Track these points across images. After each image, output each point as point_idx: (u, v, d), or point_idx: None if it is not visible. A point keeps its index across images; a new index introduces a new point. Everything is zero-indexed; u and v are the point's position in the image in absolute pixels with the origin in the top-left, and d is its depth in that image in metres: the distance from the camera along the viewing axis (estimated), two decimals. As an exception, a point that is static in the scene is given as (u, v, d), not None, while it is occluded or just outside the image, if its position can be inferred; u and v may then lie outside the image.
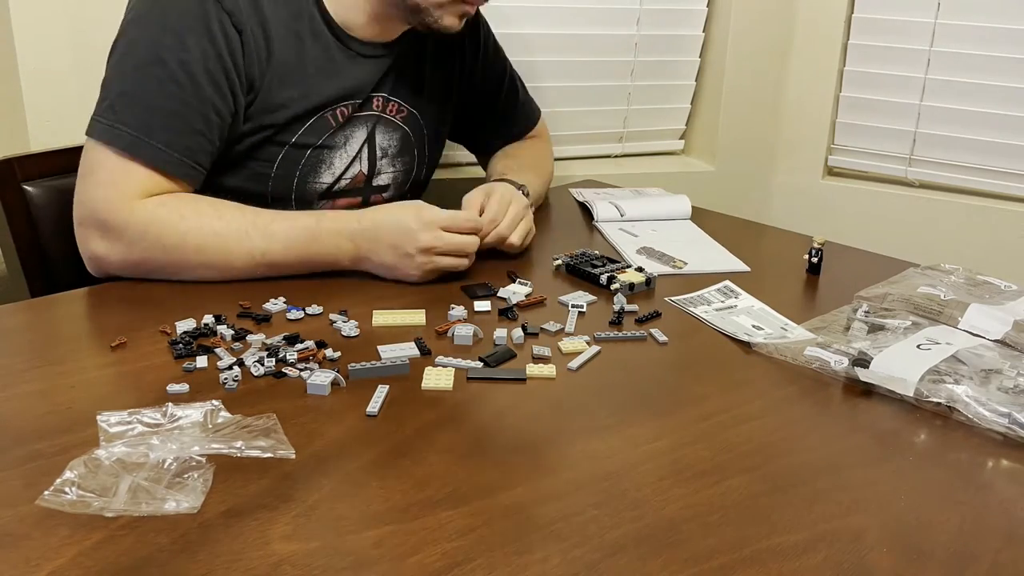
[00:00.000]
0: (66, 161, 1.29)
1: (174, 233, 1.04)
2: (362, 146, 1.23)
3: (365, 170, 1.25)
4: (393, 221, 1.08)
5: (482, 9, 1.33)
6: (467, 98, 1.39)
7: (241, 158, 1.14)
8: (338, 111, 1.18)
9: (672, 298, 1.05)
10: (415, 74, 1.27)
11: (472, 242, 1.10)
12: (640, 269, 1.13)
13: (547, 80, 1.86)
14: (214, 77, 1.06)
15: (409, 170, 1.32)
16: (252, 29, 1.08)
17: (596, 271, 1.11)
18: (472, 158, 1.56)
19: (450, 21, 1.15)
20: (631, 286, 1.08)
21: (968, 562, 0.64)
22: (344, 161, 1.22)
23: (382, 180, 1.28)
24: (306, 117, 1.15)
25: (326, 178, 1.21)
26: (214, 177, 1.12)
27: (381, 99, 1.23)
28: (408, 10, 1.14)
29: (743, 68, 1.93)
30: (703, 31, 1.96)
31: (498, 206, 1.15)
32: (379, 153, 1.26)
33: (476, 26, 1.36)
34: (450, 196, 1.21)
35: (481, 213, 1.14)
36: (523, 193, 1.23)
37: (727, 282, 1.11)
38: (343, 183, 1.23)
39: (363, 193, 1.26)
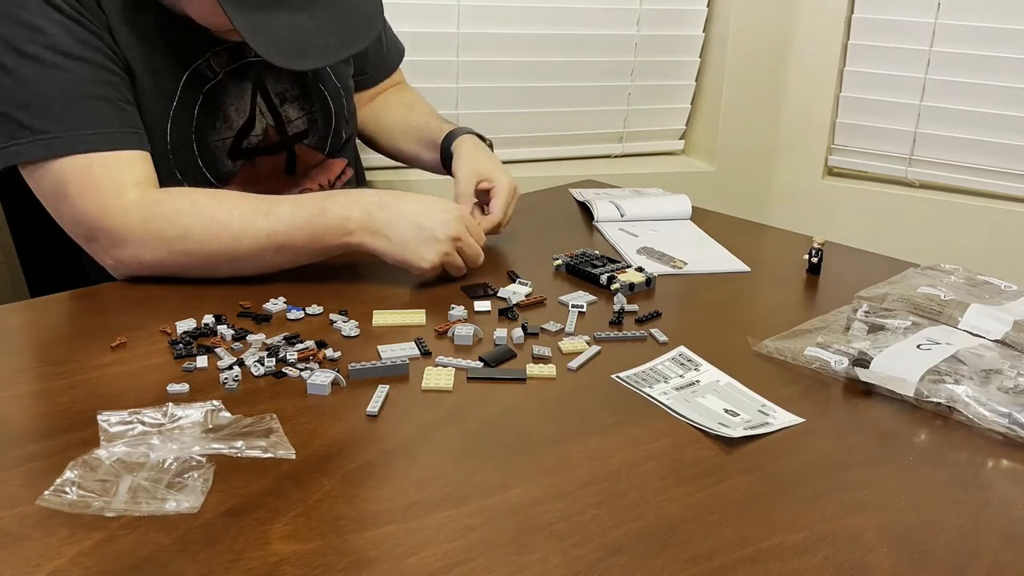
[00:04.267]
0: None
1: (174, 227, 1.01)
2: (254, 97, 1.18)
3: (271, 121, 1.20)
4: (424, 204, 1.06)
5: (482, 7, 1.32)
6: None
7: None
8: (208, 64, 1.12)
9: (620, 375, 0.88)
10: None
11: (481, 258, 1.10)
12: (640, 269, 1.13)
13: (547, 80, 1.86)
14: (88, 43, 1.01)
15: (325, 108, 1.27)
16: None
17: (596, 271, 1.11)
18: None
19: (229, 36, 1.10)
20: (631, 286, 1.08)
21: (968, 562, 0.64)
22: (241, 116, 1.17)
23: (298, 126, 1.23)
24: (172, 75, 1.10)
25: (225, 133, 1.15)
26: None
27: None
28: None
29: (743, 68, 1.94)
30: (703, 31, 1.96)
31: (508, 200, 1.20)
32: (276, 100, 1.20)
33: None
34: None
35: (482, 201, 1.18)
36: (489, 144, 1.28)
37: (682, 348, 0.94)
38: (253, 139, 1.18)
39: (285, 146, 1.22)
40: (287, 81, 1.22)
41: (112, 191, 1.01)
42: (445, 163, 1.31)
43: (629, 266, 1.14)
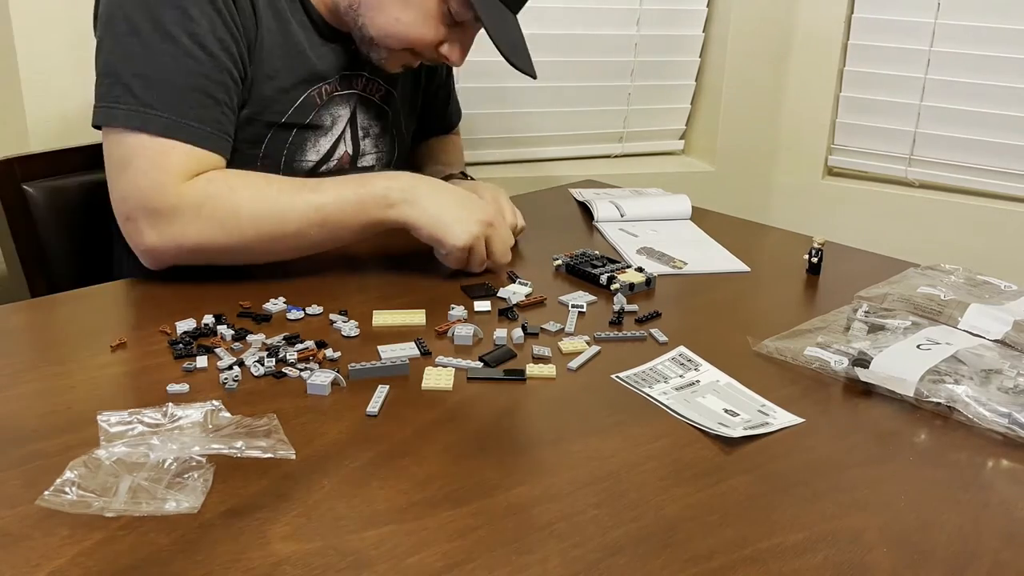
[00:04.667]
0: (66, 161, 1.30)
1: (227, 205, 1.02)
2: (346, 126, 1.24)
3: (350, 150, 1.25)
4: (465, 191, 1.12)
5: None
6: (427, 82, 1.41)
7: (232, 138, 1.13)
8: (323, 89, 1.18)
9: (620, 375, 0.88)
10: None
11: (507, 258, 1.13)
12: (640, 269, 1.13)
13: (547, 80, 1.86)
14: (225, 45, 1.05)
15: (391, 150, 1.33)
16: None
17: (596, 271, 1.11)
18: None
19: (393, 66, 1.19)
20: (631, 286, 1.08)
21: (968, 562, 0.64)
22: (330, 140, 1.22)
23: (367, 161, 1.29)
24: (294, 94, 1.15)
25: (311, 156, 1.21)
26: None
27: (362, 79, 1.24)
28: (360, 38, 1.16)
29: (743, 68, 1.94)
30: (703, 31, 1.96)
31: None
32: (361, 133, 1.26)
33: None
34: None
35: None
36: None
37: (682, 348, 0.94)
38: (331, 164, 1.23)
39: (349, 173, 1.26)
40: (374, 118, 1.28)
41: (176, 175, 1.02)
42: None
43: (629, 266, 1.14)
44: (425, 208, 1.06)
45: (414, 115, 1.40)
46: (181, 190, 1.02)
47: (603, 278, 1.10)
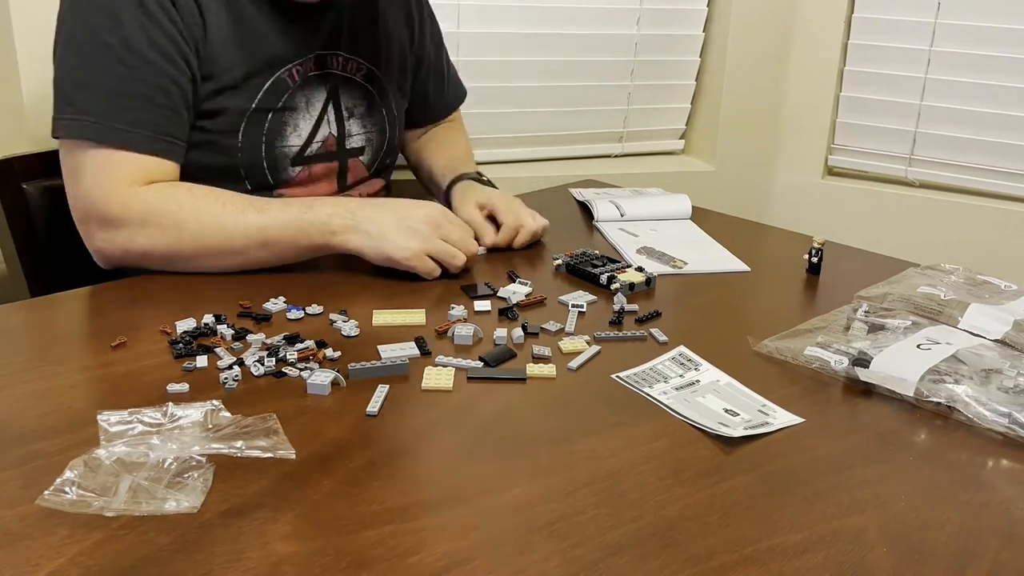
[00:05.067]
0: (66, 161, 1.29)
1: (172, 219, 1.04)
2: (325, 107, 1.23)
3: (335, 132, 1.24)
4: (406, 202, 1.10)
5: (486, 4, 1.35)
6: (415, 63, 1.40)
7: (206, 133, 1.13)
8: (293, 71, 1.17)
9: (620, 375, 0.88)
10: (370, 32, 1.27)
11: (474, 246, 1.11)
12: (640, 269, 1.13)
13: (548, 80, 1.86)
14: (160, 48, 1.05)
15: (382, 130, 1.32)
16: None
17: (596, 271, 1.11)
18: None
19: None
20: (631, 286, 1.08)
21: (968, 562, 0.64)
22: (309, 123, 1.21)
23: (355, 142, 1.28)
24: (259, 78, 1.14)
25: (293, 140, 1.20)
26: (187, 154, 1.12)
27: (340, 58, 1.23)
28: None
29: (743, 68, 1.94)
30: (703, 31, 1.96)
31: (514, 221, 1.22)
32: (345, 114, 1.25)
33: None
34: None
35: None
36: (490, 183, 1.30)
37: (682, 348, 0.94)
38: (314, 147, 1.22)
39: (338, 156, 1.26)
40: (359, 98, 1.27)
41: (120, 182, 1.05)
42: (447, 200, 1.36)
43: (629, 266, 1.14)
44: (367, 231, 1.06)
45: (404, 95, 1.38)
46: (126, 198, 1.04)
47: (603, 278, 1.09)
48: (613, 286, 1.08)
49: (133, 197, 1.04)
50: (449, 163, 1.41)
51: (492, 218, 1.24)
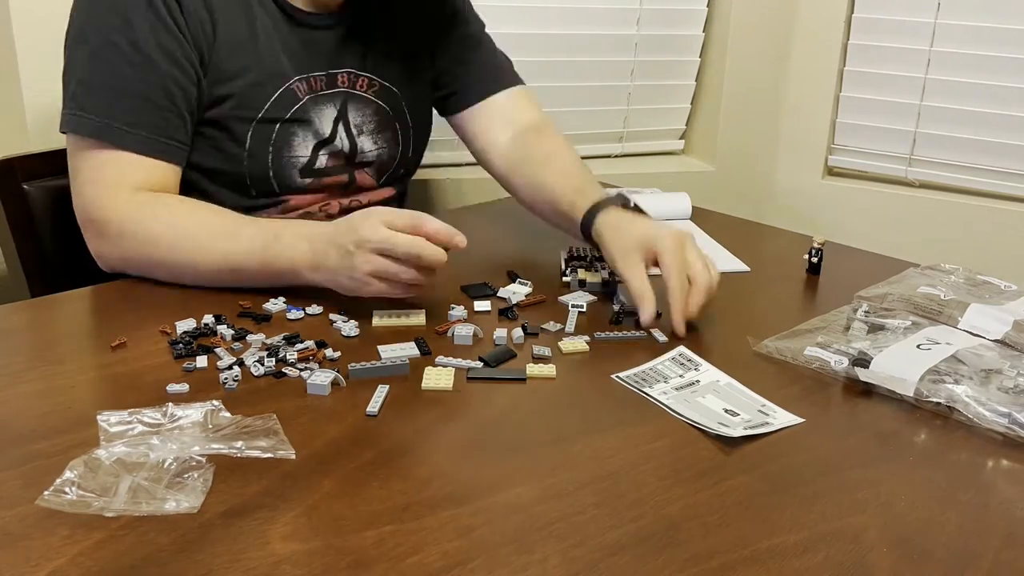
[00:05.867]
0: (66, 161, 1.29)
1: (146, 233, 1.04)
2: (336, 123, 1.22)
3: (346, 149, 1.23)
4: (346, 219, 0.96)
5: (486, 4, 1.33)
6: (443, 54, 1.32)
7: (213, 138, 1.13)
8: (302, 83, 1.17)
9: (620, 375, 0.88)
10: (384, 47, 1.24)
11: (421, 247, 0.91)
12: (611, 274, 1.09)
13: (547, 80, 1.86)
14: (167, 50, 1.06)
15: (394, 146, 1.29)
16: (194, 1, 1.07)
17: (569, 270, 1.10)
18: (469, 157, 1.42)
19: None
20: (582, 282, 1.09)
21: (968, 562, 0.64)
22: (319, 137, 1.20)
23: (366, 157, 1.26)
24: (267, 88, 1.14)
25: (301, 152, 1.19)
26: (192, 159, 1.13)
27: (348, 75, 1.22)
28: None
29: (743, 68, 1.94)
30: (703, 31, 1.96)
31: (677, 249, 0.99)
32: (355, 130, 1.24)
33: None
34: (454, 195, 1.20)
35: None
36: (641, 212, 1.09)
37: (682, 348, 0.93)
38: (323, 159, 1.21)
39: (347, 170, 1.25)
40: (370, 114, 1.25)
41: (111, 187, 1.05)
42: (588, 239, 1.12)
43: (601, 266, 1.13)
44: (327, 266, 0.96)
45: (425, 105, 1.33)
46: (114, 205, 1.05)
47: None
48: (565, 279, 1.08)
49: (116, 206, 1.04)
50: (564, 187, 1.18)
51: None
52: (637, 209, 1.11)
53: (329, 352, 0.90)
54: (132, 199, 1.05)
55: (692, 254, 1.00)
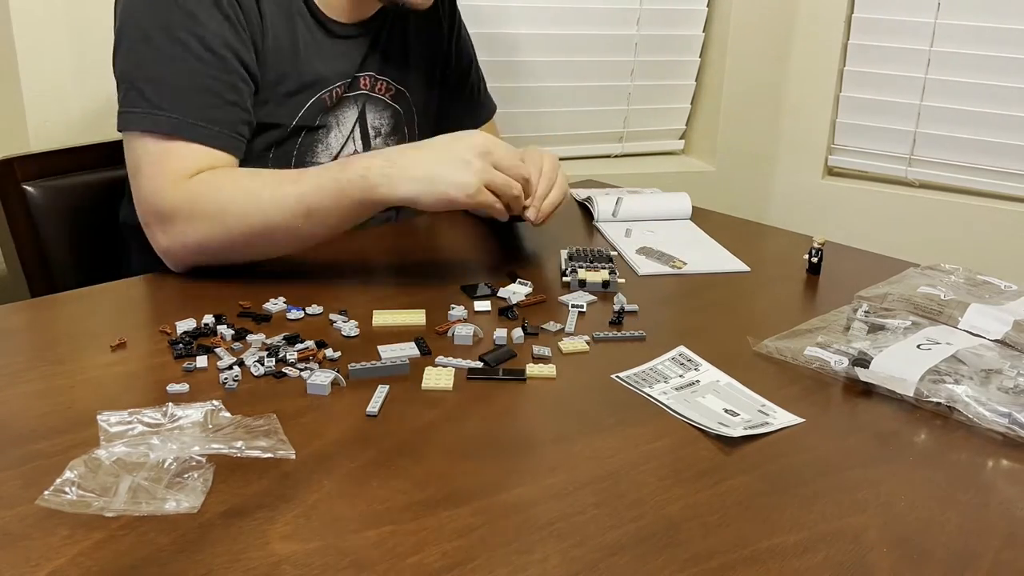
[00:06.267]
0: (66, 161, 1.30)
1: (214, 205, 1.03)
2: (354, 126, 1.24)
3: (360, 150, 1.25)
4: (447, 135, 1.03)
5: (485, 4, 1.34)
6: (445, 79, 1.39)
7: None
8: (333, 91, 1.19)
9: (620, 375, 0.88)
10: (400, 52, 1.28)
11: (526, 171, 1.04)
12: (612, 272, 1.11)
13: (547, 80, 1.86)
14: (233, 48, 1.07)
15: None
16: (249, 3, 1.09)
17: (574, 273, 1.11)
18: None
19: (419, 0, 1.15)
20: (582, 282, 1.09)
21: (968, 562, 0.64)
22: (339, 141, 1.22)
23: None
24: (303, 97, 1.16)
25: (323, 158, 1.21)
26: None
27: (369, 78, 1.24)
28: None
29: (743, 68, 1.94)
30: (703, 31, 1.96)
31: (549, 173, 1.12)
32: (371, 132, 1.26)
33: (452, 5, 1.37)
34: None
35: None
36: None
37: (682, 348, 0.94)
38: None
39: None
40: (386, 117, 1.27)
41: (175, 176, 1.04)
42: None
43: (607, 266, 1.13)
44: (412, 176, 0.98)
45: (431, 113, 1.38)
46: (177, 191, 1.03)
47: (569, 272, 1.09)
48: (564, 279, 1.07)
49: (180, 190, 1.03)
50: None
51: None
52: None
53: (329, 352, 0.90)
54: (193, 181, 1.04)
55: (543, 162, 1.12)
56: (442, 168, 0.98)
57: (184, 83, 1.05)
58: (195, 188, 1.04)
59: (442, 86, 1.40)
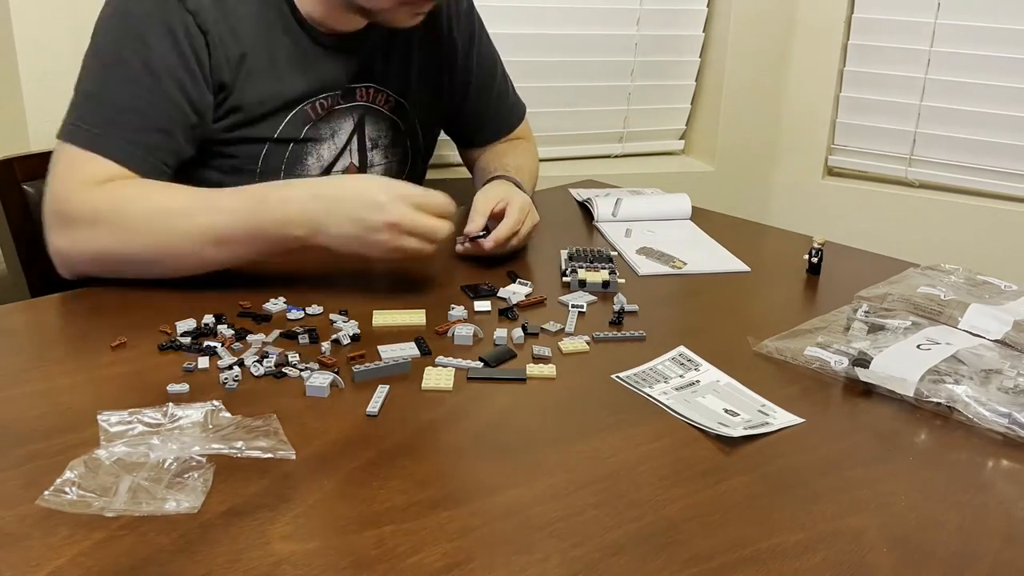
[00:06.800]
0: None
1: (120, 215, 1.01)
2: (350, 137, 1.23)
3: (356, 162, 1.25)
4: (358, 192, 1.01)
5: (484, 4, 1.34)
6: (458, 89, 1.37)
7: (225, 155, 1.14)
8: (317, 104, 1.18)
9: (620, 375, 0.88)
10: (402, 63, 1.27)
11: (443, 227, 1.01)
12: (613, 272, 1.11)
13: (547, 80, 1.86)
14: (177, 76, 1.06)
15: (403, 161, 1.32)
16: (219, 29, 1.07)
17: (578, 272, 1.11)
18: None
19: (403, 20, 1.14)
20: (582, 282, 1.09)
21: (968, 562, 0.64)
22: (332, 152, 1.21)
23: (375, 171, 1.28)
24: (283, 111, 1.15)
25: (314, 170, 1.20)
26: (203, 173, 1.12)
27: (369, 90, 1.23)
28: (358, 10, 1.13)
29: (743, 68, 1.94)
30: (703, 31, 1.96)
31: (519, 214, 1.16)
32: (369, 144, 1.26)
33: (470, 14, 1.36)
34: (454, 195, 1.20)
35: (496, 216, 1.16)
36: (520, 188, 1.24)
37: (682, 348, 0.94)
38: (334, 175, 1.22)
39: None
40: (385, 129, 1.27)
41: (85, 182, 1.03)
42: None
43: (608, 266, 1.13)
44: (333, 233, 1.00)
45: (435, 125, 1.38)
46: (85, 196, 1.02)
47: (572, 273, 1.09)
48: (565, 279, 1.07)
49: (88, 196, 1.02)
50: (495, 168, 1.34)
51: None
52: (520, 187, 1.27)
53: (327, 349, 0.90)
54: (103, 189, 1.02)
55: (527, 214, 1.18)
56: (354, 236, 1.00)
57: (119, 102, 1.04)
58: (103, 196, 1.02)
59: (463, 99, 1.38)
